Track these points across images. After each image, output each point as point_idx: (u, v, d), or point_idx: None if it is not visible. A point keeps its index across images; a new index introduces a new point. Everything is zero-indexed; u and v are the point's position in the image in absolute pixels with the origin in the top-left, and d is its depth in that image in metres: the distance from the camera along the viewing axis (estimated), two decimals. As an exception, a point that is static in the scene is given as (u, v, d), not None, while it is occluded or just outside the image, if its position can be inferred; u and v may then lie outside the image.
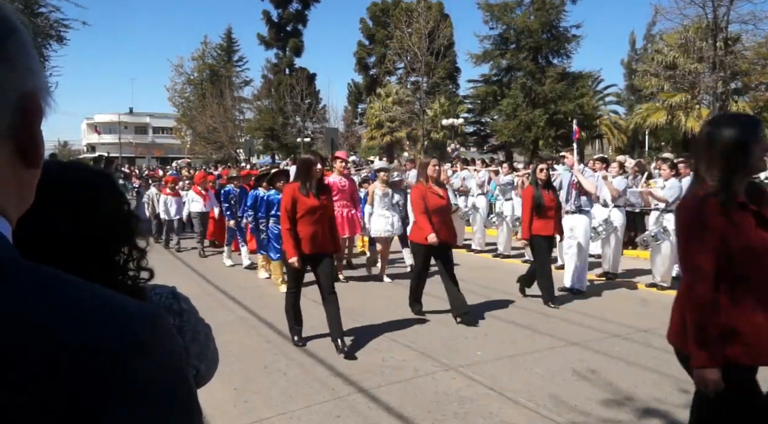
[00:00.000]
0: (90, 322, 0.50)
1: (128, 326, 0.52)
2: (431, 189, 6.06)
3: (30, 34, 0.58)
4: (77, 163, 1.10)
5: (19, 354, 0.45)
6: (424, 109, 29.08)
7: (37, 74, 0.58)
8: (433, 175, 6.10)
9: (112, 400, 0.47)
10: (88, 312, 0.51)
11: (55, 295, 0.51)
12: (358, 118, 41.23)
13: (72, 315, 0.49)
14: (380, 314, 6.30)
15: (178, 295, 1.18)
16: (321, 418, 3.80)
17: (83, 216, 0.96)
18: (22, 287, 0.50)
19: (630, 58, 41.70)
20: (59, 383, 0.46)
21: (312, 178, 5.14)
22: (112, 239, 1.00)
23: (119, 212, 1.03)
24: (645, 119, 27.31)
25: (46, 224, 0.92)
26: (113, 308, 0.53)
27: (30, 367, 0.45)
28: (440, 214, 6.04)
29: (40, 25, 15.29)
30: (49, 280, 0.52)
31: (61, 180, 0.98)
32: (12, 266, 0.52)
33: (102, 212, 0.99)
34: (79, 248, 0.93)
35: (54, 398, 0.45)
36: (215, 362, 1.28)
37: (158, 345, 0.53)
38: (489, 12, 30.34)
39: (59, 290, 0.52)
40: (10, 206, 0.58)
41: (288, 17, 38.55)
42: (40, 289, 0.51)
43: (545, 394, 4.10)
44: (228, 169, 16.69)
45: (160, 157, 50.38)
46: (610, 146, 34.76)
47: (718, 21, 16.05)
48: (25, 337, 0.46)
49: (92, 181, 1.02)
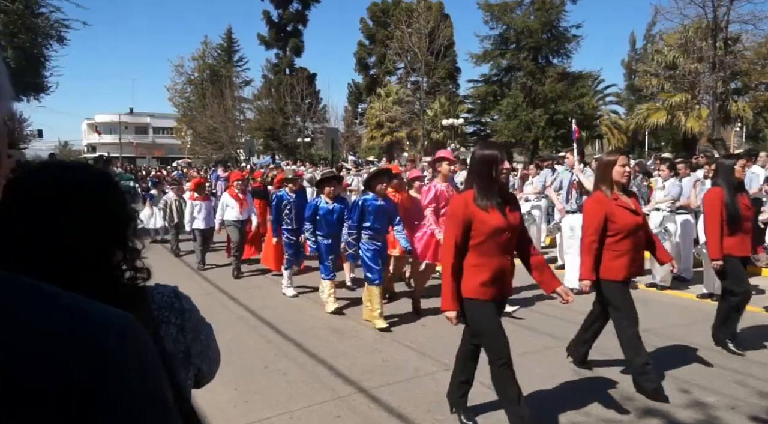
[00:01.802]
0: (70, 326, 0.50)
1: (106, 331, 0.52)
2: (619, 201, 4.15)
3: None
4: (77, 163, 1.11)
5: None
6: (424, 109, 29.10)
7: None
8: (622, 179, 4.19)
9: (89, 404, 0.48)
10: (69, 317, 0.51)
11: (42, 301, 0.51)
12: (358, 118, 41.24)
13: (54, 320, 0.50)
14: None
15: (180, 294, 1.19)
16: (321, 418, 3.80)
17: (79, 215, 0.96)
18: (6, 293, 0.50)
19: (630, 58, 41.71)
20: (35, 385, 0.46)
21: (495, 183, 3.35)
22: (109, 239, 1.00)
23: (117, 212, 1.03)
24: (645, 119, 27.30)
25: (42, 222, 0.92)
26: (90, 314, 0.53)
27: (7, 369, 0.45)
28: (634, 238, 4.15)
29: (40, 26, 15.30)
30: (30, 287, 0.52)
31: (59, 179, 0.98)
32: None
33: (99, 211, 0.99)
34: (76, 247, 0.93)
35: (30, 401, 0.45)
36: (217, 361, 1.28)
37: (132, 349, 0.54)
38: (489, 12, 30.36)
39: (45, 296, 0.52)
40: None
41: (288, 17, 38.55)
42: (24, 294, 0.51)
43: (545, 394, 4.11)
44: (234, 171, 15.07)
45: (160, 158, 50.42)
46: (610, 146, 34.70)
47: (718, 21, 16.07)
48: (6, 340, 0.47)
49: (90, 180, 1.03)
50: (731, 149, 16.90)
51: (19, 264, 0.80)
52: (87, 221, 0.97)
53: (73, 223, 0.95)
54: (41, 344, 0.48)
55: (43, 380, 0.46)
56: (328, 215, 6.56)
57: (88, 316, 0.53)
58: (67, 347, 0.49)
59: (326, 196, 6.63)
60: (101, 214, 1.00)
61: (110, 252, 1.00)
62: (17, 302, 0.50)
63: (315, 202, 6.68)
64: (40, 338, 0.48)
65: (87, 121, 59.73)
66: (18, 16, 14.15)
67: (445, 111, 31.09)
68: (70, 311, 0.52)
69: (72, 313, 0.52)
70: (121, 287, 1.00)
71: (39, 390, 0.45)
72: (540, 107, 28.57)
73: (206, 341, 1.21)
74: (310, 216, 6.57)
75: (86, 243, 0.95)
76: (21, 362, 0.46)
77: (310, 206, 6.67)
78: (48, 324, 0.49)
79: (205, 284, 8.07)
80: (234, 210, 8.56)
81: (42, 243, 0.89)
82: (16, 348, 0.46)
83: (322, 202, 6.60)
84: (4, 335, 0.47)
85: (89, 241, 0.96)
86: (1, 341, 0.46)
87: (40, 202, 0.94)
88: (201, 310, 1.26)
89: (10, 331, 0.47)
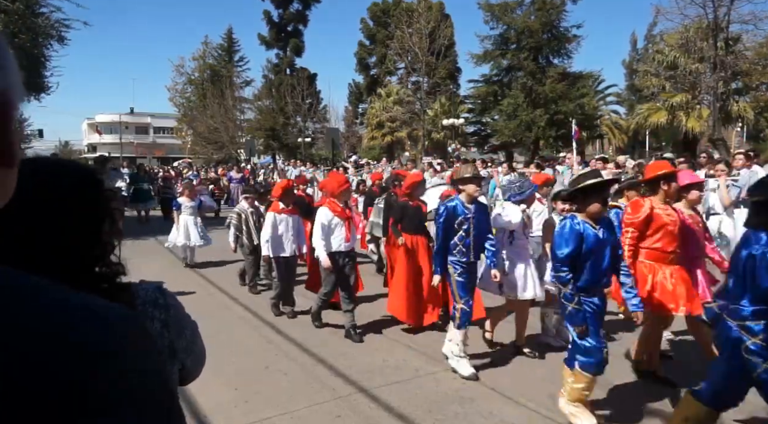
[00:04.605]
0: (66, 325, 0.50)
1: (103, 330, 0.52)
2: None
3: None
4: (72, 162, 1.10)
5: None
6: (425, 109, 29.10)
7: (7, 71, 0.54)
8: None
9: (89, 404, 0.48)
10: (65, 316, 0.51)
11: (36, 300, 0.51)
12: (358, 118, 41.28)
13: (49, 320, 0.49)
14: (381, 313, 6.29)
15: (164, 290, 1.19)
16: (322, 418, 3.80)
17: (78, 215, 0.96)
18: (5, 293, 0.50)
19: (631, 58, 41.72)
20: (35, 385, 0.46)
21: None
22: (92, 236, 1.00)
23: (97, 210, 1.02)
24: (646, 119, 27.30)
25: (21, 219, 0.92)
26: (89, 311, 0.53)
27: (7, 369, 0.45)
28: None
29: (41, 25, 15.31)
30: (31, 285, 0.52)
31: (38, 174, 0.98)
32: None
33: (79, 208, 0.99)
34: (56, 244, 0.93)
35: (30, 401, 0.45)
36: (202, 357, 1.28)
37: (133, 348, 0.54)
38: (489, 12, 30.38)
39: (45, 295, 0.52)
40: None
41: (288, 17, 38.55)
42: (18, 294, 0.51)
43: (545, 394, 4.10)
44: (332, 171, 10.89)
45: (161, 158, 50.44)
46: (610, 146, 34.79)
47: (718, 21, 16.05)
48: (6, 339, 0.47)
49: (65, 176, 1.02)
50: (732, 149, 16.90)
51: (20, 264, 0.79)
52: (86, 220, 0.97)
53: (72, 223, 0.95)
54: (41, 344, 0.48)
55: (43, 380, 0.46)
56: None
57: (90, 314, 0.53)
58: (67, 347, 0.49)
59: (467, 198, 4.72)
60: (97, 212, 1.00)
61: (90, 249, 1.00)
62: (17, 302, 0.50)
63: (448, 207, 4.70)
64: (40, 338, 0.48)
65: (87, 121, 59.75)
66: (18, 16, 14.15)
67: (445, 111, 31.12)
68: (70, 309, 0.52)
69: (72, 312, 0.52)
70: (109, 284, 1.00)
71: (39, 390, 0.45)
72: (540, 107, 28.58)
73: (191, 338, 1.21)
74: None
75: (86, 243, 0.96)
76: (21, 362, 0.46)
77: (440, 216, 4.71)
78: (48, 324, 0.49)
79: (205, 285, 8.05)
80: (339, 233, 5.51)
81: (16, 238, 0.89)
82: (16, 348, 0.46)
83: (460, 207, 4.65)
84: (4, 335, 0.47)
85: (89, 240, 0.96)
86: (1, 341, 0.46)
87: (39, 202, 0.94)
88: (201, 310, 1.27)
89: (10, 331, 0.47)
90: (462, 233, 4.61)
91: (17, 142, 0.57)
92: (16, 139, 0.56)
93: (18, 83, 0.56)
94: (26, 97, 0.55)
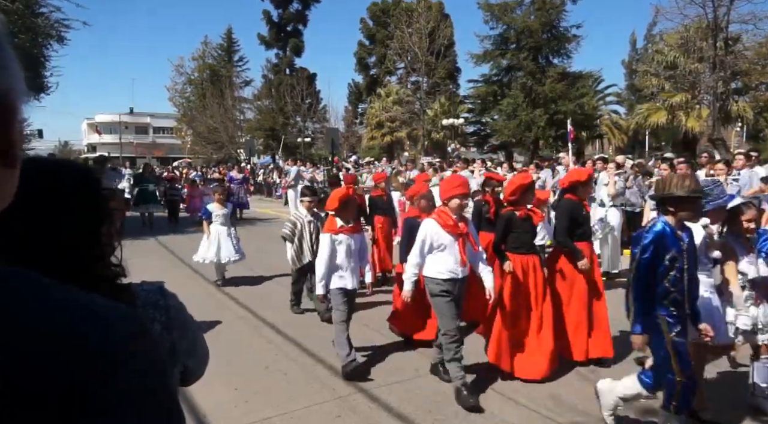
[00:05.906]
0: (66, 325, 0.50)
1: (103, 330, 0.52)
2: None
3: (4, 28, 0.54)
4: (72, 162, 1.10)
5: None
6: (425, 109, 29.13)
7: (9, 71, 0.54)
8: None
9: (89, 404, 0.48)
10: (65, 316, 0.51)
11: (36, 300, 0.51)
12: (358, 118, 41.28)
13: (49, 320, 0.49)
14: (381, 314, 6.29)
15: (166, 291, 1.18)
16: (322, 418, 3.81)
17: (59, 211, 0.96)
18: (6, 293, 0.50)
19: (631, 58, 41.72)
20: (35, 385, 0.46)
21: None
22: (92, 236, 0.99)
23: (97, 210, 1.02)
24: (645, 119, 27.29)
25: (21, 219, 0.91)
26: (89, 311, 0.53)
27: (7, 369, 0.45)
28: None
29: (40, 26, 15.29)
30: (32, 284, 0.52)
31: (37, 174, 0.98)
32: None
33: (79, 208, 0.99)
34: (56, 244, 0.93)
35: (30, 401, 0.45)
36: (205, 358, 1.28)
37: (134, 348, 0.53)
38: (489, 12, 30.35)
39: (46, 294, 0.52)
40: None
41: (288, 17, 38.58)
42: (18, 294, 0.50)
43: (545, 394, 4.11)
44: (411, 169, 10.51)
45: (160, 158, 50.43)
46: (610, 146, 34.76)
47: (718, 21, 16.05)
48: (6, 339, 0.47)
49: (65, 176, 1.02)
50: (731, 149, 16.90)
51: (19, 264, 0.79)
52: (86, 220, 0.97)
53: (72, 223, 0.95)
54: (41, 344, 0.48)
55: (43, 380, 0.46)
56: None
57: (90, 314, 0.53)
58: (67, 347, 0.49)
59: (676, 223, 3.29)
60: (97, 212, 0.99)
61: (88, 249, 0.99)
62: (17, 301, 0.50)
63: None
64: (40, 338, 0.48)
65: (87, 121, 59.75)
66: (18, 16, 14.13)
67: (445, 111, 31.11)
68: (70, 309, 0.52)
69: (73, 312, 0.52)
70: (110, 286, 1.00)
71: (39, 390, 0.45)
72: (540, 107, 28.57)
73: (193, 339, 1.21)
74: None
75: (86, 243, 0.95)
76: (21, 362, 0.46)
77: None
78: (48, 324, 0.49)
79: (206, 285, 8.05)
80: (449, 254, 4.12)
81: (14, 238, 0.88)
82: (17, 348, 0.46)
83: None
84: (5, 334, 0.47)
85: (88, 240, 0.96)
86: (1, 341, 0.46)
87: (39, 202, 0.93)
88: (202, 310, 1.27)
89: (10, 331, 0.47)
90: (675, 274, 3.18)
91: (20, 142, 0.56)
92: (19, 139, 0.56)
93: (21, 84, 0.55)
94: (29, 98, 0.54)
